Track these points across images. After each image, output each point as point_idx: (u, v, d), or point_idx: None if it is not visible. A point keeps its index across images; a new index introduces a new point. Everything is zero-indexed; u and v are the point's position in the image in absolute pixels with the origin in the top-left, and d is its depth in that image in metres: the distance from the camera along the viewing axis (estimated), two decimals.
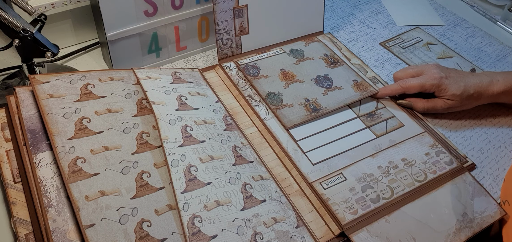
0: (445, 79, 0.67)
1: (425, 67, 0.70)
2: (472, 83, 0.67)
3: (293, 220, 0.53)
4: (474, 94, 0.67)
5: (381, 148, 0.63)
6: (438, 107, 0.68)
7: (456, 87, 0.66)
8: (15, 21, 0.59)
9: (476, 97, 0.67)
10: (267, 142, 0.63)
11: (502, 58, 0.85)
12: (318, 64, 0.76)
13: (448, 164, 0.62)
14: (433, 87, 0.67)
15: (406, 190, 0.58)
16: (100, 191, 0.49)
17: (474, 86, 0.67)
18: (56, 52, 0.63)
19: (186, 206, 0.49)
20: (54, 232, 0.46)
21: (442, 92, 0.67)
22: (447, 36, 0.90)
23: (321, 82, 0.72)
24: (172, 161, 0.53)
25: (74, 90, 0.58)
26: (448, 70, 0.69)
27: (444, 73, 0.67)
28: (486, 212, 0.57)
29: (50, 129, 0.53)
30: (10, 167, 0.53)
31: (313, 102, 0.68)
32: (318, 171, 0.59)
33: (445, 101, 0.68)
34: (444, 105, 0.68)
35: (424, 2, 1.00)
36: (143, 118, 0.58)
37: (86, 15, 0.77)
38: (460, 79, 0.67)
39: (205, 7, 0.75)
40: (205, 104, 0.63)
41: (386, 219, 0.55)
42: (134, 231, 0.47)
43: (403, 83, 0.70)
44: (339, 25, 0.91)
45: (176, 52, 0.77)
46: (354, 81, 0.73)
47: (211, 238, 0.48)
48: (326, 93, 0.70)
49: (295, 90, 0.70)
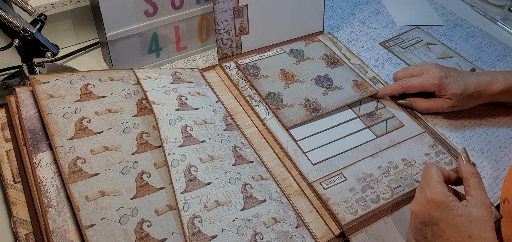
0: (445, 78, 0.67)
1: (425, 67, 0.70)
2: (472, 83, 0.67)
3: (293, 220, 0.53)
4: (474, 93, 0.67)
5: (381, 148, 0.63)
6: (438, 106, 0.68)
7: (457, 87, 0.66)
8: (15, 21, 0.59)
9: (477, 97, 0.67)
10: (267, 142, 0.63)
11: (502, 58, 0.85)
12: (318, 64, 0.76)
13: (448, 164, 0.62)
14: (433, 87, 0.67)
15: (406, 190, 0.58)
16: (100, 191, 0.49)
17: (474, 86, 0.67)
18: (56, 52, 0.63)
19: (186, 206, 0.49)
20: (54, 232, 0.46)
21: (442, 92, 0.67)
22: (447, 36, 0.90)
23: (321, 82, 0.72)
24: (172, 161, 0.53)
25: (74, 91, 0.58)
26: (448, 69, 0.69)
27: (444, 73, 0.67)
28: None
29: (50, 129, 0.53)
30: (10, 167, 0.53)
31: (313, 102, 0.68)
32: (318, 171, 0.59)
33: (446, 100, 0.68)
34: (444, 105, 0.68)
35: (424, 2, 1.00)
36: (143, 119, 0.58)
37: (86, 15, 0.77)
38: (460, 79, 0.67)
39: (205, 7, 0.75)
40: (205, 104, 0.63)
41: (385, 220, 0.55)
42: (134, 231, 0.47)
43: (403, 83, 0.70)
44: (339, 25, 0.91)
45: (176, 52, 0.77)
46: (354, 81, 0.73)
47: (211, 238, 0.48)
48: (326, 93, 0.70)
49: (295, 90, 0.70)
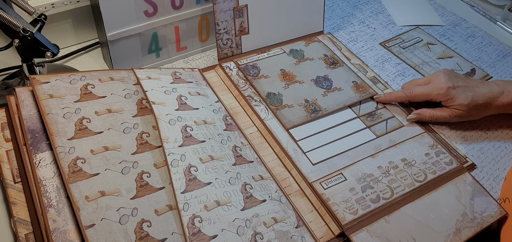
0: (452, 89, 0.65)
1: (433, 76, 0.68)
2: (480, 93, 0.65)
3: (293, 220, 0.53)
4: (482, 104, 0.65)
5: (381, 148, 0.63)
6: (445, 116, 0.67)
7: (464, 97, 0.65)
8: (15, 21, 0.59)
9: (485, 107, 0.66)
10: (267, 142, 0.63)
11: (502, 58, 0.85)
12: (318, 64, 0.76)
13: (448, 164, 0.62)
14: (439, 97, 0.66)
15: (406, 190, 0.58)
16: (100, 191, 0.49)
17: (483, 97, 0.65)
18: (56, 52, 0.63)
19: (186, 206, 0.49)
20: (54, 232, 0.46)
21: (449, 102, 0.66)
22: (447, 36, 0.90)
23: (320, 83, 0.72)
24: (172, 161, 0.53)
25: (74, 91, 0.58)
26: (457, 79, 0.67)
27: (452, 83, 0.66)
28: (486, 212, 0.57)
29: (50, 129, 0.53)
30: (10, 167, 0.53)
31: (312, 103, 0.68)
32: (318, 171, 0.59)
33: (453, 110, 0.66)
34: (451, 114, 0.67)
35: (424, 2, 1.00)
36: (143, 119, 0.58)
37: (86, 15, 0.77)
38: (468, 89, 0.66)
39: (205, 7, 0.75)
40: (205, 104, 0.63)
41: (386, 219, 0.55)
42: (134, 231, 0.47)
43: (408, 92, 0.68)
44: (339, 25, 0.91)
45: (176, 52, 0.77)
46: (353, 82, 0.73)
47: (211, 238, 0.48)
48: (325, 95, 0.70)
49: (295, 91, 0.70)
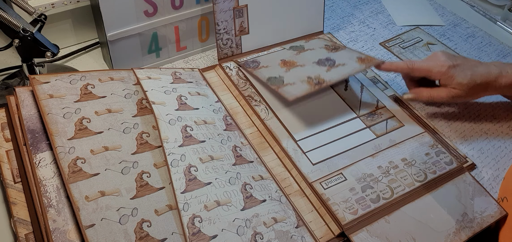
0: (452, 68, 0.65)
1: (432, 56, 0.68)
2: (479, 73, 0.65)
3: (293, 220, 0.53)
4: (481, 84, 0.65)
5: (381, 148, 0.63)
6: (443, 95, 0.66)
7: (463, 76, 0.64)
8: (15, 21, 0.59)
9: (483, 88, 0.65)
10: (267, 142, 0.63)
11: (502, 58, 0.85)
12: (319, 52, 0.74)
13: (448, 164, 0.62)
14: (439, 75, 0.65)
15: (406, 190, 0.58)
16: (100, 191, 0.49)
17: (481, 77, 0.65)
18: (56, 52, 0.63)
19: (186, 206, 0.49)
20: (54, 232, 0.46)
21: (448, 81, 0.65)
22: (447, 36, 0.90)
23: (323, 63, 0.70)
24: (172, 161, 0.53)
25: (74, 91, 0.58)
26: (456, 58, 0.66)
27: (452, 62, 0.65)
28: (486, 212, 0.57)
29: (50, 129, 0.53)
30: (10, 167, 0.53)
31: (316, 78, 0.66)
32: (318, 171, 0.59)
33: (451, 90, 0.65)
34: (449, 95, 0.66)
35: (424, 2, 1.00)
36: (143, 119, 0.58)
37: (86, 15, 0.77)
38: (468, 68, 0.65)
39: (205, 7, 0.75)
40: (205, 104, 0.63)
41: (386, 219, 0.55)
42: (134, 231, 0.47)
43: (410, 64, 0.67)
44: (339, 25, 0.91)
45: (176, 52, 0.77)
46: (357, 57, 0.70)
47: (211, 238, 0.48)
48: (329, 70, 0.68)
49: (297, 72, 0.68)
